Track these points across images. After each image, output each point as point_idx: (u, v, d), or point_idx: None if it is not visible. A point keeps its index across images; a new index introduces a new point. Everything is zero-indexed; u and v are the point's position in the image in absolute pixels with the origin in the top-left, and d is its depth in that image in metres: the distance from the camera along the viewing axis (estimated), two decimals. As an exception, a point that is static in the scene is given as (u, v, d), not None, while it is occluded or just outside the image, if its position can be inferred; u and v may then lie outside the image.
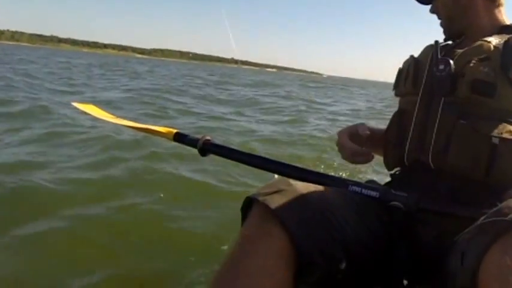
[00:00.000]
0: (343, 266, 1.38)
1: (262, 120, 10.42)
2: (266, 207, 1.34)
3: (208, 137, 2.22)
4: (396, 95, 1.99)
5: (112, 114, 2.83)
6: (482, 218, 1.23)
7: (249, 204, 1.43)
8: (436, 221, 1.59)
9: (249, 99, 17.12)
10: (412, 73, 1.84)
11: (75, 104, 2.92)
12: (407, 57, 1.93)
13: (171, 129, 2.38)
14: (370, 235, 1.52)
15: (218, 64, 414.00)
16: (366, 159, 1.86)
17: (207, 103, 13.89)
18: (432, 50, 1.81)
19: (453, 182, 1.64)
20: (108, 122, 2.77)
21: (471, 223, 1.29)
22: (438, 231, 1.59)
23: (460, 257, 1.23)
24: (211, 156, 2.20)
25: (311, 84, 43.93)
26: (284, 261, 1.28)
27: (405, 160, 1.79)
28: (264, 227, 1.32)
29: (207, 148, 2.19)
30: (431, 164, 1.68)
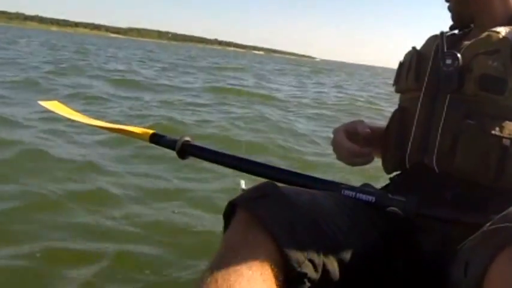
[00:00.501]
0: (335, 276, 1.35)
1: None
2: (251, 213, 1.30)
3: (187, 138, 2.18)
4: (397, 91, 1.95)
5: (82, 113, 2.78)
6: (488, 224, 1.19)
7: (232, 210, 1.39)
8: (438, 228, 1.56)
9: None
10: (415, 67, 1.80)
11: (41, 103, 2.85)
12: (407, 43, 1.88)
13: (147, 130, 2.34)
14: (365, 243, 1.49)
15: (200, 45, 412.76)
16: (366, 160, 1.81)
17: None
18: (436, 41, 1.77)
19: (459, 187, 1.60)
20: (77, 122, 2.70)
21: (476, 230, 1.26)
22: (440, 239, 1.56)
23: (464, 267, 1.20)
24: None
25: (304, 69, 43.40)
26: (271, 272, 1.23)
27: (406, 163, 1.75)
28: (249, 235, 1.27)
29: (186, 150, 2.15)
30: (435, 167, 1.64)
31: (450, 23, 1.87)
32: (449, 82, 1.64)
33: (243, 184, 2.44)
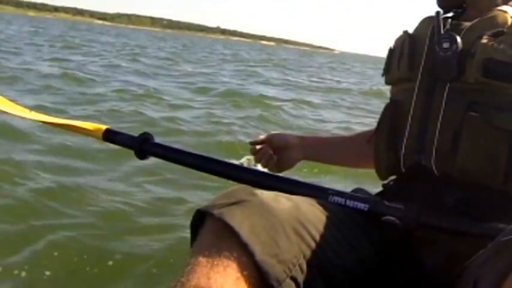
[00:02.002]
0: None
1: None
2: (222, 222, 1.26)
3: (148, 135, 2.15)
4: (387, 82, 1.92)
5: (24, 106, 2.75)
6: (499, 236, 1.17)
7: (201, 218, 1.34)
8: (442, 241, 1.54)
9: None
10: (407, 53, 1.77)
11: None
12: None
13: (99, 126, 2.29)
14: (356, 259, 1.47)
15: (199, 34, 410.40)
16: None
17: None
18: (432, 23, 1.74)
19: (462, 191, 1.59)
20: (19, 117, 2.66)
21: (485, 242, 1.24)
22: (445, 253, 1.54)
23: (472, 287, 1.18)
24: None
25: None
26: None
27: (401, 165, 1.72)
28: (220, 247, 1.23)
29: (146, 149, 2.12)
30: (434, 169, 1.62)
31: None
32: (447, 69, 1.62)
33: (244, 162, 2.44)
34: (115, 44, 37.19)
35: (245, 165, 2.42)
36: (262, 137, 2.22)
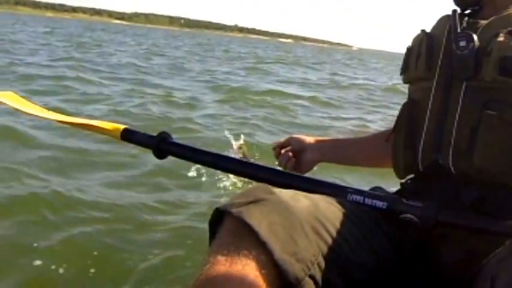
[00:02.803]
0: None
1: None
2: (241, 221, 1.26)
3: (165, 134, 2.15)
4: (405, 81, 1.93)
5: (41, 105, 2.76)
6: None
7: (220, 217, 1.34)
8: (460, 239, 1.54)
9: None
10: (425, 52, 1.77)
11: None
12: None
13: (117, 126, 2.30)
14: (375, 256, 1.47)
15: (217, 32, 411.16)
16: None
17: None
18: (449, 22, 1.74)
19: (480, 189, 1.58)
20: (34, 116, 2.67)
21: (504, 240, 1.25)
22: (463, 251, 1.53)
23: (490, 284, 1.18)
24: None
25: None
26: None
27: (419, 164, 1.72)
28: (239, 246, 1.23)
29: (164, 148, 2.12)
30: (451, 167, 1.61)
31: None
32: (463, 67, 1.61)
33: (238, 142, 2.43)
34: (129, 43, 37.15)
35: (235, 151, 2.44)
36: (282, 140, 2.28)
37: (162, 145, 2.10)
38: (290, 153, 2.18)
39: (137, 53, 25.88)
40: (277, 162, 2.25)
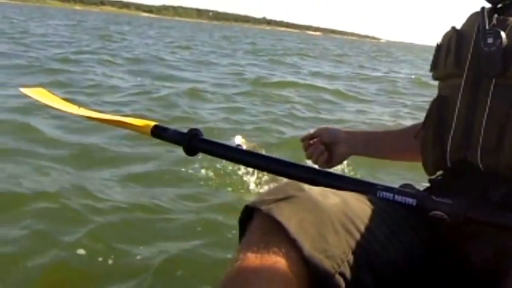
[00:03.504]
0: None
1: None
2: (271, 218, 1.26)
3: (196, 130, 2.14)
4: (435, 78, 1.91)
5: (71, 102, 2.78)
6: None
7: (249, 214, 1.35)
8: (489, 236, 1.52)
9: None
10: (454, 49, 1.76)
11: (23, 91, 2.85)
12: None
13: (148, 122, 2.30)
14: (404, 253, 1.46)
15: (245, 25, 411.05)
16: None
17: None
18: (478, 19, 1.72)
19: (508, 186, 1.57)
20: (65, 112, 2.68)
21: None
22: (492, 249, 1.52)
23: None
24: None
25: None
26: (295, 286, 1.20)
27: (447, 161, 1.71)
28: (268, 243, 1.23)
29: (195, 145, 2.11)
30: (480, 164, 1.60)
31: None
32: (491, 64, 1.60)
33: (238, 140, 2.41)
34: (154, 36, 37.16)
35: (239, 143, 2.44)
36: (311, 132, 2.23)
37: (192, 142, 2.10)
38: (322, 146, 2.15)
39: (162, 46, 25.86)
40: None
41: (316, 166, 2.11)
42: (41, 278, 2.92)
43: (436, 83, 1.94)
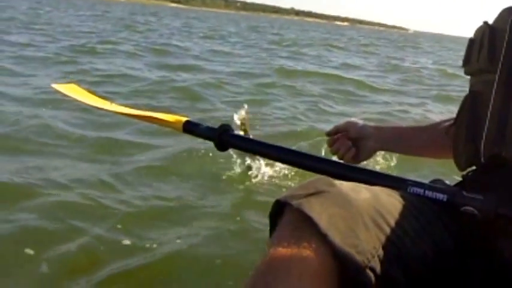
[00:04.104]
0: (400, 287, 1.33)
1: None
2: (301, 213, 1.26)
3: (227, 126, 2.15)
4: (467, 73, 1.89)
5: (103, 97, 2.80)
6: None
7: (280, 209, 1.35)
8: None
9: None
10: (488, 45, 1.73)
11: (55, 86, 2.86)
12: None
13: (179, 118, 2.32)
14: (435, 249, 1.45)
15: (273, 16, 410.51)
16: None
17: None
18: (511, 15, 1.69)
19: None
20: (98, 108, 2.71)
21: None
22: None
23: None
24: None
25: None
26: (324, 282, 1.20)
27: (481, 157, 1.68)
28: (299, 238, 1.23)
29: (226, 140, 2.12)
30: None
31: None
32: None
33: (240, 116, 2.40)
34: (178, 27, 37.13)
35: (238, 123, 2.41)
36: (338, 126, 2.22)
37: (223, 137, 2.11)
38: (349, 142, 2.14)
39: (186, 37, 25.85)
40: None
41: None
42: (68, 264, 2.95)
43: (463, 74, 1.92)
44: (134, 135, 5.87)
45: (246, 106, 3.27)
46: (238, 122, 3.15)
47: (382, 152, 4.14)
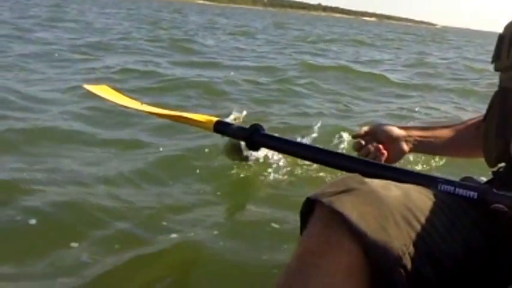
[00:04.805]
0: (430, 285, 1.32)
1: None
2: (332, 210, 1.26)
3: (258, 126, 2.16)
4: (496, 69, 1.88)
5: (133, 98, 2.81)
6: None
7: (311, 207, 1.35)
8: None
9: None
10: None
11: (86, 87, 2.88)
12: None
13: (210, 118, 2.33)
14: (465, 247, 1.45)
15: (301, 12, 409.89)
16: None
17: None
18: None
19: None
20: (129, 108, 2.73)
21: None
22: None
23: None
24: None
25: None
26: (355, 279, 1.21)
27: (511, 153, 1.67)
28: (330, 236, 1.24)
29: (257, 140, 2.13)
30: None
31: None
32: None
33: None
34: (200, 23, 37.05)
35: (231, 119, 2.41)
36: (365, 129, 2.21)
37: (255, 137, 2.12)
38: (379, 146, 2.12)
39: (211, 33, 25.81)
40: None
41: None
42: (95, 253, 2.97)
43: (491, 69, 1.91)
44: (157, 131, 5.87)
45: (244, 112, 3.21)
46: (231, 119, 3.11)
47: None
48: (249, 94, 8.95)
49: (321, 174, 4.24)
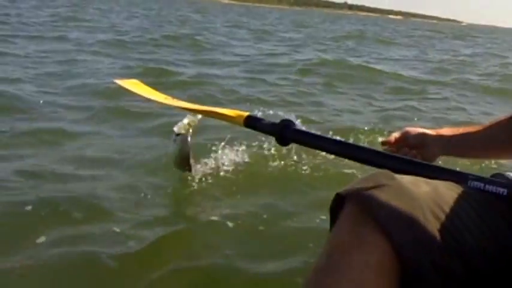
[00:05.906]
0: (459, 281, 1.31)
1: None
2: (362, 206, 1.27)
3: (289, 120, 2.14)
4: None
5: (163, 93, 2.81)
6: None
7: (340, 202, 1.35)
8: None
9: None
10: None
11: (117, 82, 2.88)
12: None
13: (241, 113, 2.33)
14: (495, 243, 1.43)
15: (326, 10, 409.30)
16: None
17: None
18: None
19: None
20: (159, 103, 2.74)
21: None
22: None
23: None
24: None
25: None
26: (385, 275, 1.20)
27: None
28: (359, 232, 1.24)
29: (288, 135, 2.11)
30: None
31: None
32: None
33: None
34: (220, 22, 36.95)
35: (176, 130, 2.40)
36: (396, 135, 2.19)
37: (285, 132, 2.10)
38: (412, 152, 2.10)
39: (233, 32, 25.77)
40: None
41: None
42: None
43: None
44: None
45: (199, 116, 3.15)
46: (184, 124, 3.06)
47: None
48: (270, 93, 8.92)
49: (348, 171, 4.24)
